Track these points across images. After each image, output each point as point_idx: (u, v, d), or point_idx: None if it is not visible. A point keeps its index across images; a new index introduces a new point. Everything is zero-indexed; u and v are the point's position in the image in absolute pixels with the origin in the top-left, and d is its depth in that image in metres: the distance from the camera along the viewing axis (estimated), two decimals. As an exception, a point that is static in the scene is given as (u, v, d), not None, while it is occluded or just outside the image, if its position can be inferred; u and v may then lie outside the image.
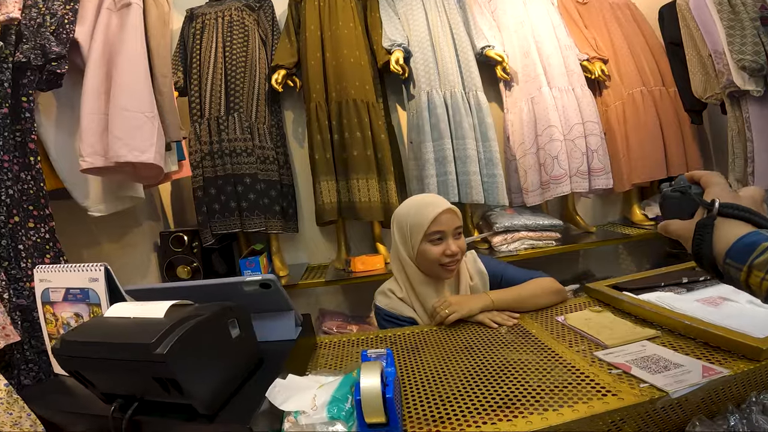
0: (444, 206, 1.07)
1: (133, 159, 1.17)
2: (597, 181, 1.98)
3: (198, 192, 1.78)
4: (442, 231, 1.06)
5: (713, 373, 0.67)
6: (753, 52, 1.62)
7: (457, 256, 1.07)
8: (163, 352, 0.53)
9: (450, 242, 1.06)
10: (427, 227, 1.05)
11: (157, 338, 0.54)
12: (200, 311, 0.64)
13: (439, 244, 1.06)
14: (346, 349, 0.98)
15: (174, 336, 0.56)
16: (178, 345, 0.55)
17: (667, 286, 1.03)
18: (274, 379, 0.66)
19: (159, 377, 0.56)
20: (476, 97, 1.96)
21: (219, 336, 0.66)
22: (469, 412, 0.66)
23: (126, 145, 1.16)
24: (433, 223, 1.05)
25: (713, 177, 0.58)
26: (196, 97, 1.85)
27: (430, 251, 1.06)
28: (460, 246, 1.08)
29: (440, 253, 1.05)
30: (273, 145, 1.92)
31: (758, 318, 0.82)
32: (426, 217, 1.06)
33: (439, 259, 1.06)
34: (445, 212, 1.07)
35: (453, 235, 1.08)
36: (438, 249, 1.06)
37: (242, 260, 1.83)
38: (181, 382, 0.55)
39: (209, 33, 1.88)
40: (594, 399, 0.65)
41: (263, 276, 0.77)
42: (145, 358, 0.54)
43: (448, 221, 1.07)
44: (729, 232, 0.51)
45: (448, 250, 1.05)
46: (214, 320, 0.65)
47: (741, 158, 1.78)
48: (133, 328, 0.61)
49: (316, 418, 0.61)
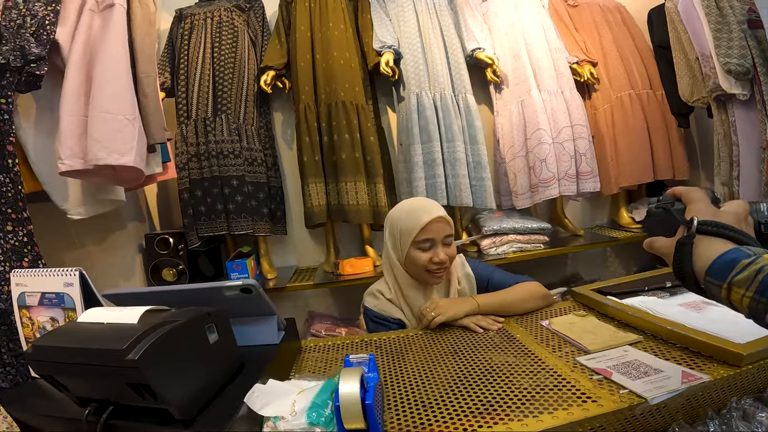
0: (435, 214, 1.07)
1: (112, 162, 1.16)
2: (585, 184, 1.99)
3: (184, 194, 1.76)
4: (432, 239, 1.06)
5: (693, 379, 0.67)
6: (739, 56, 1.62)
7: (445, 264, 1.07)
8: (134, 358, 0.53)
9: (438, 250, 1.06)
10: (416, 233, 1.06)
11: (129, 344, 0.54)
12: (175, 317, 0.63)
13: (427, 250, 1.06)
14: (331, 354, 0.97)
15: (147, 342, 0.56)
16: (150, 351, 0.55)
17: (651, 290, 1.03)
18: (254, 384, 0.66)
19: (132, 383, 0.56)
20: (465, 100, 1.96)
21: (195, 341, 0.65)
22: (450, 417, 0.66)
23: (105, 147, 1.14)
24: (423, 230, 1.05)
25: (693, 193, 0.57)
26: (183, 98, 1.83)
27: (419, 257, 1.06)
28: (449, 254, 1.08)
29: (428, 260, 1.06)
30: (261, 147, 1.91)
31: (740, 323, 0.81)
32: (416, 223, 1.06)
33: (427, 265, 1.06)
34: (435, 220, 1.06)
35: (442, 243, 1.07)
36: (426, 256, 1.06)
37: (229, 263, 1.81)
38: (154, 388, 0.55)
39: (198, 33, 1.86)
40: (574, 405, 0.65)
41: (244, 281, 0.75)
42: (116, 364, 0.54)
43: (438, 229, 1.07)
44: (709, 249, 0.51)
45: (435, 258, 1.05)
46: (190, 326, 0.64)
47: (727, 162, 1.79)
48: (106, 333, 0.61)
49: (295, 424, 0.60)
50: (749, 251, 0.48)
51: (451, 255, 1.09)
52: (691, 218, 0.54)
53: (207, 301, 0.77)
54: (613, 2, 2.28)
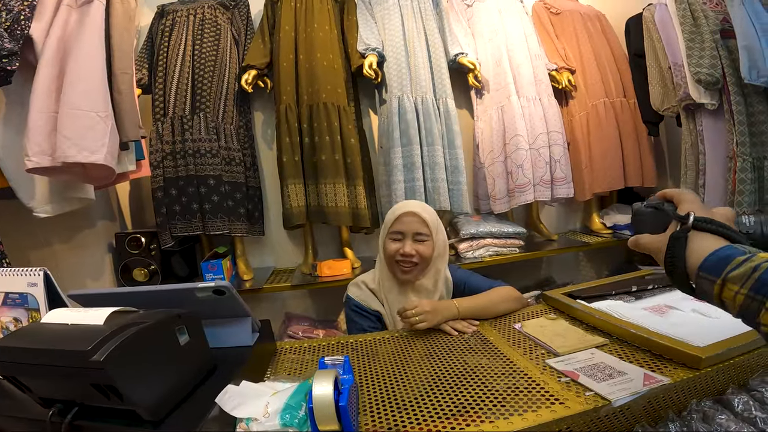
0: (409, 209, 1.14)
1: (82, 159, 1.13)
2: (559, 190, 2.04)
3: (158, 193, 1.71)
4: (402, 231, 1.13)
5: (654, 382, 0.69)
6: (710, 65, 1.64)
7: (413, 258, 1.11)
8: (100, 359, 0.53)
9: (407, 243, 1.12)
10: (391, 224, 1.14)
11: (94, 345, 0.54)
12: (144, 318, 0.63)
13: (397, 242, 1.13)
14: (307, 356, 0.97)
15: (113, 343, 0.55)
16: (116, 352, 0.54)
17: (618, 294, 1.07)
18: (227, 385, 0.66)
19: (97, 384, 0.55)
20: (446, 104, 1.98)
21: (165, 343, 0.65)
22: (424, 419, 0.67)
23: (75, 145, 1.12)
24: (395, 222, 1.14)
25: (687, 194, 0.58)
26: (160, 95, 1.79)
27: (389, 247, 1.14)
28: (419, 250, 1.11)
29: (395, 251, 1.12)
30: (240, 147, 1.88)
31: (701, 326, 0.86)
32: (393, 215, 1.15)
33: (394, 255, 1.12)
34: (408, 214, 1.13)
35: (412, 238, 1.12)
36: (394, 246, 1.13)
37: (204, 263, 1.78)
38: (120, 389, 0.55)
39: (179, 30, 1.83)
40: (542, 407, 0.66)
41: (217, 282, 0.75)
42: (81, 366, 0.53)
43: (408, 223, 1.12)
44: (703, 245, 0.51)
45: (402, 249, 1.11)
46: (159, 328, 0.64)
47: (693, 170, 1.84)
48: (71, 334, 0.60)
49: (268, 425, 0.60)
50: (744, 249, 0.48)
51: (421, 252, 1.12)
52: (686, 213, 0.53)
53: (179, 303, 0.76)
54: (594, 10, 2.33)
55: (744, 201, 1.58)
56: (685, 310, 0.95)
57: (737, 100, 1.61)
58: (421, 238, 1.12)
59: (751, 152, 1.60)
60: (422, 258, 1.12)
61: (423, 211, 1.14)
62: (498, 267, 2.00)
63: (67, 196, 1.34)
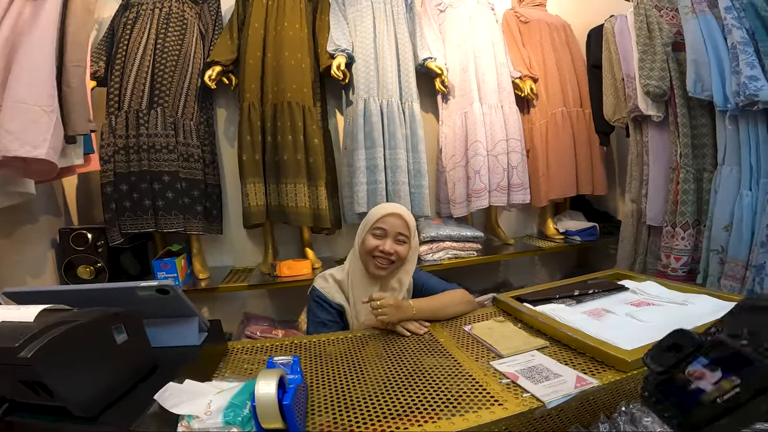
0: (396, 210, 1.20)
1: (24, 154, 1.09)
2: (515, 196, 2.11)
3: (107, 188, 1.64)
4: (385, 229, 1.17)
5: (585, 384, 0.73)
6: (659, 78, 1.68)
7: (391, 256, 1.16)
8: (27, 356, 0.53)
9: (387, 241, 1.17)
10: (375, 221, 1.18)
11: (22, 342, 0.54)
12: (76, 317, 0.63)
13: (378, 238, 1.17)
14: (259, 356, 0.97)
15: (42, 340, 0.55)
16: (45, 349, 0.55)
17: (561, 298, 1.12)
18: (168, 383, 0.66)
19: (25, 380, 0.56)
20: (411, 108, 2.00)
21: (99, 341, 0.65)
22: (371, 419, 0.68)
23: (17, 139, 1.08)
24: (380, 220, 1.18)
25: None
26: (115, 89, 1.71)
27: (369, 241, 1.18)
28: (398, 250, 1.17)
29: (374, 246, 1.16)
30: (199, 143, 1.82)
31: (633, 330, 0.91)
32: (378, 213, 1.20)
33: (372, 251, 1.17)
34: (393, 215, 1.19)
35: (393, 238, 1.17)
36: (375, 242, 1.17)
37: (156, 261, 1.71)
38: (49, 386, 0.55)
39: (142, 23, 1.76)
40: (483, 408, 0.69)
41: (159, 282, 0.74)
42: (9, 362, 0.54)
43: (393, 222, 1.18)
44: None
45: (382, 246, 1.16)
46: (92, 326, 0.64)
47: (637, 180, 1.94)
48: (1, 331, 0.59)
49: (210, 423, 0.61)
50: None
51: (399, 253, 1.17)
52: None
53: (120, 302, 0.76)
54: (560, 20, 2.40)
55: (686, 211, 1.68)
56: (619, 314, 1.01)
57: (683, 113, 1.69)
58: (401, 238, 1.18)
59: (693, 164, 1.69)
60: (399, 257, 1.18)
61: (406, 215, 1.21)
62: (457, 270, 2.05)
63: (6, 190, 1.28)
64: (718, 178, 1.56)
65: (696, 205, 1.70)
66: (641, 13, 1.79)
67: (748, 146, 1.47)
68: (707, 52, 1.51)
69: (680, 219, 1.68)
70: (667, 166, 1.80)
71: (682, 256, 1.68)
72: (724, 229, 1.54)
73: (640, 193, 1.93)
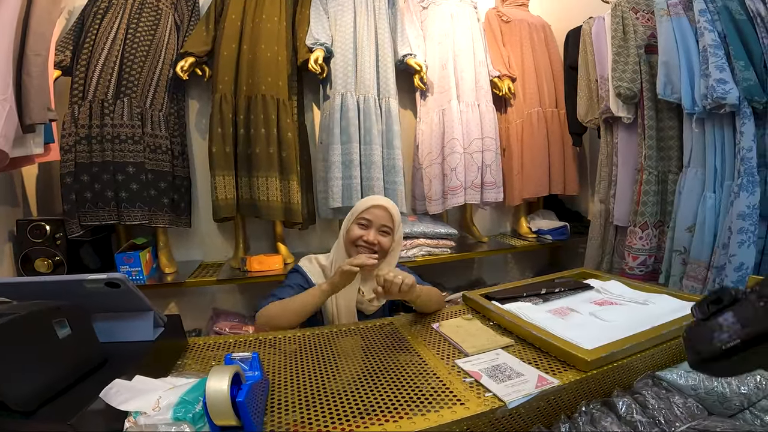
0: (381, 203, 1.23)
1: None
2: (488, 194, 2.13)
3: (67, 178, 1.56)
4: (369, 220, 1.21)
5: (545, 384, 0.73)
6: (630, 80, 1.70)
7: (374, 247, 1.19)
8: None
9: (371, 231, 1.20)
10: (360, 212, 1.22)
11: None
12: (14, 310, 0.60)
13: (363, 229, 1.21)
14: (220, 352, 0.94)
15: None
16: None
17: (528, 296, 1.13)
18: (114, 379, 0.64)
19: None
20: (388, 104, 1.99)
21: (38, 335, 0.63)
22: (331, 417, 0.67)
23: None
24: (365, 211, 1.22)
25: None
26: (80, 78, 1.64)
27: (353, 231, 1.21)
28: (381, 241, 1.20)
29: (358, 236, 1.20)
30: (168, 134, 1.76)
31: (595, 329, 0.92)
32: (364, 204, 1.23)
33: (356, 240, 1.20)
34: (378, 207, 1.22)
35: (378, 229, 1.21)
36: (359, 232, 1.20)
37: (119, 255, 1.65)
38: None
39: (113, 13, 1.70)
40: (445, 408, 0.69)
41: (109, 275, 0.71)
42: None
43: (377, 215, 1.21)
44: None
45: (366, 236, 1.19)
46: (32, 319, 0.62)
47: (606, 181, 1.98)
48: None
49: (158, 419, 0.59)
50: None
51: (382, 244, 1.20)
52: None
53: (69, 295, 0.72)
54: (541, 21, 2.42)
55: (647, 212, 1.72)
56: (583, 313, 1.02)
57: (650, 115, 1.71)
58: (385, 230, 1.21)
59: (657, 166, 1.73)
60: (382, 248, 1.20)
61: (392, 208, 1.24)
62: (431, 266, 2.05)
63: None
64: (683, 179, 1.61)
65: (659, 206, 1.74)
66: (618, 15, 1.80)
67: (713, 149, 1.51)
68: (678, 55, 1.53)
69: (639, 219, 1.73)
70: (633, 167, 1.83)
71: (639, 255, 1.72)
72: (687, 230, 1.59)
73: (608, 194, 1.96)
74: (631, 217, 1.81)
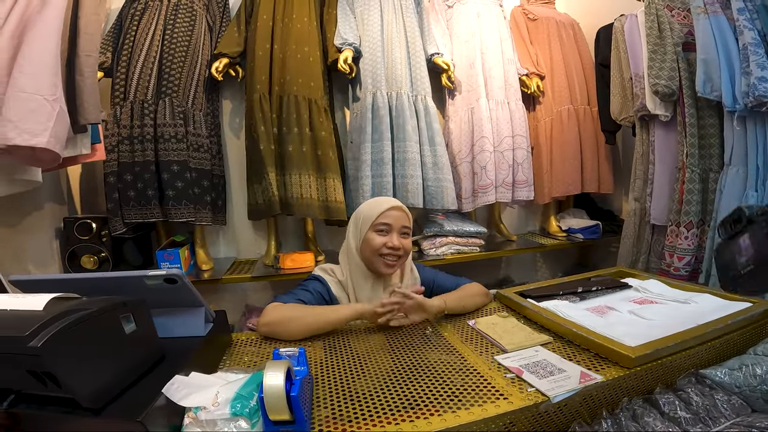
0: (396, 204, 1.16)
1: (21, 142, 1.09)
2: (519, 192, 2.11)
3: (110, 177, 1.64)
4: (389, 224, 1.13)
5: (589, 380, 0.73)
6: (668, 77, 1.67)
7: (399, 251, 1.12)
8: (37, 345, 0.52)
9: (394, 236, 1.12)
10: (376, 218, 1.13)
11: (32, 331, 0.53)
12: (86, 305, 0.62)
13: (384, 235, 1.12)
14: (263, 347, 0.97)
15: (52, 329, 0.54)
16: (55, 338, 0.54)
17: (565, 294, 1.12)
18: (175, 375, 0.65)
19: (33, 371, 0.55)
20: (425, 101, 1.98)
21: (108, 331, 0.64)
22: (376, 412, 0.69)
23: (16, 127, 1.08)
24: (381, 215, 1.13)
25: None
26: (121, 79, 1.71)
27: (374, 240, 1.11)
28: (404, 244, 1.14)
29: (382, 244, 1.11)
30: (208, 134, 1.83)
31: (636, 327, 0.92)
32: (378, 209, 1.14)
33: (380, 249, 1.11)
34: (394, 208, 1.14)
35: (399, 232, 1.14)
36: (382, 239, 1.12)
37: (159, 252, 1.72)
38: (58, 376, 0.54)
39: (150, 15, 1.77)
40: (488, 402, 0.70)
41: (167, 270, 0.74)
42: (18, 351, 0.52)
43: (396, 216, 1.14)
44: None
45: (390, 242, 1.11)
46: (102, 315, 0.63)
47: (642, 179, 1.94)
48: (8, 320, 0.58)
49: (217, 414, 0.61)
50: None
51: (405, 246, 1.14)
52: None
53: (127, 291, 0.75)
54: (569, 18, 2.39)
55: (691, 211, 1.68)
56: (622, 311, 1.02)
57: (691, 113, 1.68)
58: (405, 231, 1.16)
59: (699, 164, 1.69)
60: (406, 251, 1.15)
61: (404, 207, 1.18)
62: (460, 265, 2.05)
63: (13, 177, 1.29)
64: (724, 178, 1.56)
65: (701, 205, 1.69)
66: (652, 13, 1.77)
67: (755, 147, 1.47)
68: (717, 53, 1.50)
69: (684, 218, 1.68)
70: (672, 165, 1.80)
71: (685, 256, 1.68)
72: (728, 229, 1.54)
73: (644, 192, 1.92)
74: (672, 216, 1.76)
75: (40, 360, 0.52)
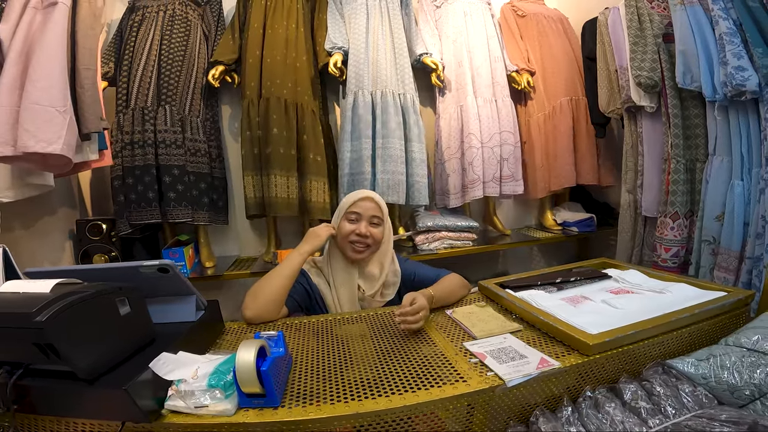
0: (367, 195, 1.25)
1: (40, 150, 1.20)
2: (506, 187, 2.14)
3: (115, 181, 1.74)
4: (358, 213, 1.22)
5: (546, 365, 0.77)
6: (650, 69, 1.69)
7: (367, 240, 1.21)
8: (42, 320, 0.60)
9: (362, 224, 1.21)
10: (348, 207, 1.24)
11: (38, 308, 0.61)
12: (87, 288, 0.71)
13: (354, 223, 1.22)
14: (253, 335, 1.03)
15: (55, 307, 0.63)
16: (57, 315, 0.62)
17: (543, 285, 1.16)
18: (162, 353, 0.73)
19: (38, 343, 0.63)
20: (410, 99, 2.02)
21: (104, 311, 0.73)
22: (344, 391, 0.75)
23: (34, 136, 1.19)
24: (353, 204, 1.23)
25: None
26: (123, 88, 1.80)
27: (344, 227, 1.23)
28: (373, 233, 1.22)
29: (350, 231, 1.21)
30: (205, 139, 1.91)
31: (604, 316, 0.93)
32: (351, 199, 1.25)
33: (349, 236, 1.21)
34: (366, 199, 1.24)
35: (368, 221, 1.22)
36: (350, 226, 1.22)
37: (165, 250, 1.81)
38: (59, 349, 0.62)
39: (147, 25, 1.85)
40: (447, 384, 0.74)
41: (160, 261, 0.82)
42: (25, 326, 0.61)
43: (366, 206, 1.23)
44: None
45: (357, 230, 1.21)
46: (99, 297, 0.71)
47: (632, 171, 1.94)
48: (20, 300, 0.68)
49: (196, 386, 0.69)
50: None
51: (374, 235, 1.22)
52: None
53: (128, 281, 0.82)
54: (558, 13, 2.40)
55: (677, 201, 1.69)
56: (596, 300, 1.04)
57: (674, 104, 1.68)
58: (375, 221, 1.23)
59: (684, 154, 1.69)
60: (374, 240, 1.22)
61: (378, 198, 1.26)
62: (455, 259, 2.09)
63: (27, 182, 1.40)
64: (709, 168, 1.57)
65: (688, 195, 1.70)
66: (632, 5, 1.79)
67: (738, 136, 1.47)
68: (695, 43, 1.50)
69: (670, 209, 1.69)
70: (660, 156, 1.80)
71: (671, 247, 1.69)
72: (716, 219, 1.55)
73: (635, 184, 1.92)
74: (661, 207, 1.77)
75: (44, 333, 0.61)
